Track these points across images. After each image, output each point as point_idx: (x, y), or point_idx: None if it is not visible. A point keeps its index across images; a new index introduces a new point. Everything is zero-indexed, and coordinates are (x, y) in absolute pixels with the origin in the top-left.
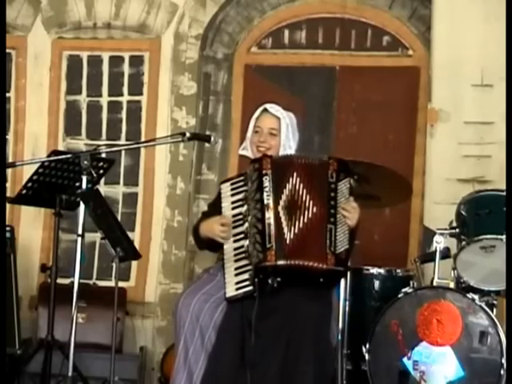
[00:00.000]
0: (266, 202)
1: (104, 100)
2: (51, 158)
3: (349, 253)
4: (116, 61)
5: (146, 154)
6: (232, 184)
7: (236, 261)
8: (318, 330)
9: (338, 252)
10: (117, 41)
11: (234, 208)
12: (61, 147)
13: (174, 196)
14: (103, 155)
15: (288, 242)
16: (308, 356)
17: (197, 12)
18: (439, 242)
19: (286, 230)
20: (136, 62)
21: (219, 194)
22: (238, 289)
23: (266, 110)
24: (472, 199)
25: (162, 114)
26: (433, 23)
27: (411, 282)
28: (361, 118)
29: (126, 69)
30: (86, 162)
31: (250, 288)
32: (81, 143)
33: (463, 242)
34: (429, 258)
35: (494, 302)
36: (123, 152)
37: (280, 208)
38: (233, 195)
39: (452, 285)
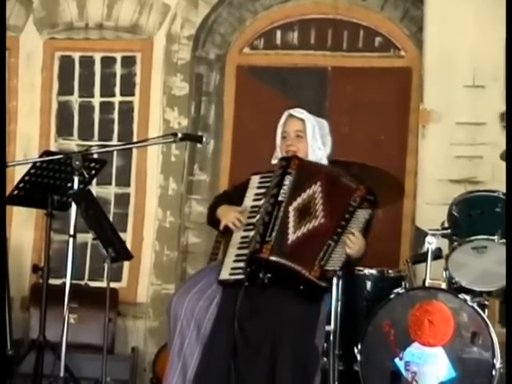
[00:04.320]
0: (280, 198)
1: (96, 101)
2: (43, 159)
3: (336, 275)
4: (108, 61)
5: (138, 155)
6: (261, 177)
7: (239, 248)
8: (301, 332)
9: (326, 268)
10: (109, 41)
11: (254, 200)
12: (53, 148)
13: (166, 196)
14: (95, 156)
15: (290, 242)
16: (286, 358)
17: (189, 13)
18: (431, 243)
19: (290, 230)
20: (128, 62)
21: (247, 182)
22: (231, 274)
23: (290, 114)
24: (464, 200)
25: (154, 115)
26: (425, 24)
27: (403, 283)
28: (353, 118)
29: (118, 69)
30: (77, 163)
31: (242, 276)
32: (73, 144)
33: (455, 243)
34: (421, 258)
35: (486, 302)
36: (115, 152)
37: (291, 208)
38: (258, 188)
39: (444, 285)
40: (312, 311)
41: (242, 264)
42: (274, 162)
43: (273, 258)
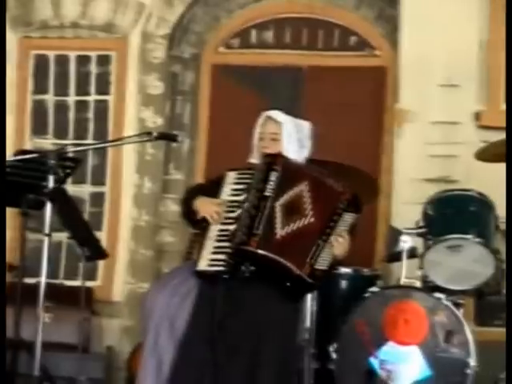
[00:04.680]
0: (266, 193)
1: (71, 99)
2: (18, 158)
3: (324, 274)
4: (83, 60)
5: (113, 154)
6: (238, 173)
7: (217, 241)
8: (285, 331)
9: (315, 267)
10: (84, 40)
11: (232, 195)
12: (27, 146)
13: (142, 196)
14: (70, 154)
15: (278, 237)
16: (270, 357)
17: (164, 11)
18: (406, 242)
19: (278, 226)
20: (103, 61)
21: (221, 176)
22: (210, 265)
23: (268, 116)
24: (438, 199)
25: (129, 114)
26: (400, 24)
27: (378, 282)
28: (328, 117)
29: (93, 68)
30: (52, 162)
31: (222, 268)
32: (48, 143)
33: (430, 242)
34: (395, 257)
35: (461, 301)
36: (90, 151)
37: (278, 204)
38: (235, 184)
39: (418, 284)
40: (294, 310)
41: (221, 256)
42: (252, 161)
43: (261, 252)
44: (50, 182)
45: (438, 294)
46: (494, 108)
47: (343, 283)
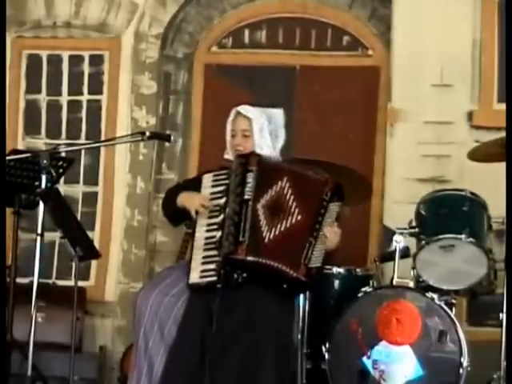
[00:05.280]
0: (246, 197)
1: (64, 99)
2: (10, 157)
3: (319, 271)
4: (76, 60)
5: (106, 154)
6: (214, 176)
7: (205, 250)
8: (281, 331)
9: (310, 266)
10: (77, 40)
11: (212, 199)
12: (20, 146)
13: (134, 195)
14: (63, 154)
15: (266, 241)
16: (270, 357)
17: (157, 11)
18: (399, 242)
19: (264, 228)
20: (96, 61)
21: (198, 178)
22: (202, 277)
23: (238, 112)
24: (431, 199)
25: (122, 114)
26: (393, 23)
27: (371, 282)
28: (321, 117)
29: (86, 68)
30: (45, 161)
31: (215, 278)
32: (40, 142)
33: (422, 242)
34: (388, 257)
35: (453, 301)
36: (83, 151)
37: (260, 206)
38: (213, 186)
39: (411, 284)
40: (289, 309)
41: (211, 266)
42: (226, 156)
43: (250, 259)
44: (43, 182)
45: (430, 294)
46: (487, 108)
47: (336, 283)
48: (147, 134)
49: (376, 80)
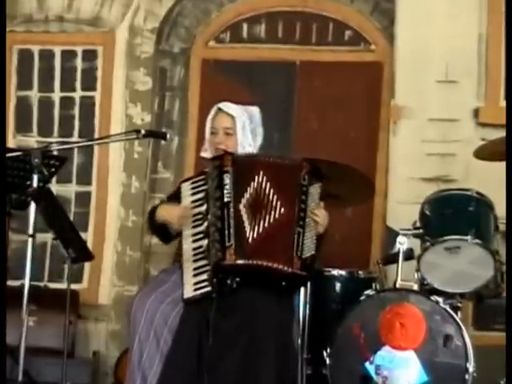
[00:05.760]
0: (225, 199)
1: (56, 96)
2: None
3: (314, 259)
4: (68, 55)
5: (100, 152)
6: (192, 183)
7: (194, 261)
8: (280, 332)
9: (305, 257)
10: (69, 34)
11: (193, 207)
12: (11, 144)
13: (129, 195)
14: (55, 153)
15: (250, 241)
16: (270, 359)
17: (152, 5)
18: (402, 243)
19: (248, 228)
20: (89, 56)
21: (179, 190)
22: (196, 289)
23: (219, 109)
24: (436, 199)
25: (117, 111)
26: (396, 17)
27: (374, 284)
28: (321, 114)
29: (79, 63)
30: (37, 160)
31: (209, 289)
32: (32, 140)
33: (427, 243)
34: (392, 259)
35: (459, 304)
36: (76, 149)
37: (241, 206)
38: (193, 194)
39: (415, 287)
40: (286, 309)
41: (204, 276)
42: (203, 154)
43: (240, 262)
44: (35, 182)
45: (435, 297)
46: (494, 104)
47: (337, 286)
48: (142, 131)
49: (379, 76)
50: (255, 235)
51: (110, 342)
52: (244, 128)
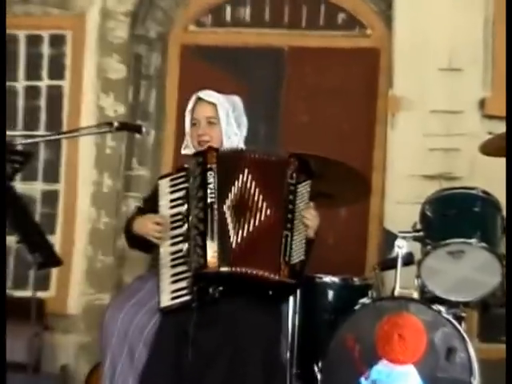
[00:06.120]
0: (209, 200)
1: (20, 85)
2: None
3: (304, 265)
4: (34, 40)
5: (69, 147)
6: (172, 180)
7: (173, 266)
8: (267, 343)
9: (293, 263)
10: (35, 18)
11: (172, 207)
12: None
13: (101, 194)
14: (19, 147)
15: (234, 246)
16: (256, 375)
17: None
18: (401, 247)
19: (232, 233)
20: (57, 41)
21: (156, 189)
22: (173, 298)
23: (199, 98)
24: (438, 198)
25: (87, 101)
26: None
27: (370, 292)
28: (312, 105)
29: (46, 49)
30: None
31: (188, 297)
32: None
33: (428, 247)
34: (389, 264)
35: (463, 314)
36: (42, 144)
37: (226, 208)
38: (172, 193)
39: (415, 295)
40: (273, 318)
41: (183, 283)
42: (184, 152)
43: (224, 269)
44: None
45: (437, 306)
46: (501, 94)
47: (330, 294)
48: (115, 124)
49: (375, 63)
50: (239, 240)
51: (79, 355)
52: (228, 116)
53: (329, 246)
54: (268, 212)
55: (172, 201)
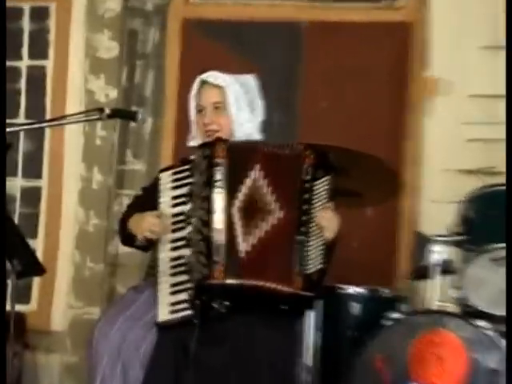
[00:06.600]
0: (216, 200)
1: None
2: None
3: (323, 274)
4: (13, 13)
5: (53, 137)
6: (174, 174)
7: (172, 275)
8: (280, 365)
9: (309, 272)
10: None
11: (174, 205)
12: None
13: (90, 192)
14: None
15: (243, 255)
16: None
17: None
18: (438, 253)
19: (240, 239)
20: (39, 15)
21: (156, 183)
22: (173, 312)
23: (204, 81)
24: (480, 196)
25: (74, 84)
26: None
27: (400, 305)
28: (334, 88)
29: (26, 24)
30: None
31: (189, 312)
32: None
33: (469, 253)
34: (423, 273)
35: None
36: (22, 133)
37: (235, 210)
38: (174, 188)
39: (454, 309)
40: (286, 336)
41: (183, 295)
42: (191, 143)
43: (230, 282)
44: None
45: (479, 322)
46: None
47: (355, 307)
48: (107, 110)
49: (407, 41)
50: (249, 248)
51: (64, 377)
52: (238, 100)
53: (353, 251)
54: (280, 214)
55: (174, 198)
